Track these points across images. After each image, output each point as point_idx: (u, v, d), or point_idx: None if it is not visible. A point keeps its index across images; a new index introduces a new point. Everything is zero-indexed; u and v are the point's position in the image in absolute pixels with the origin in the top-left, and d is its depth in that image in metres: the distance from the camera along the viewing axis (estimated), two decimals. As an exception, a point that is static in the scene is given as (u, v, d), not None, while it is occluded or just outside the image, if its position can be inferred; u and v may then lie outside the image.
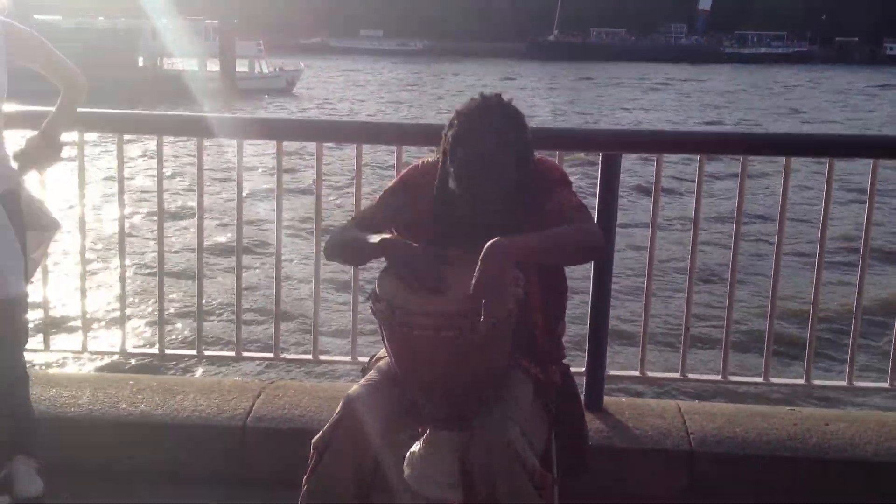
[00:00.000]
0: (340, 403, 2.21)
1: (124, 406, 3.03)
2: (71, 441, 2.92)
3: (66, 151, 2.76)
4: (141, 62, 41.49)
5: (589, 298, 3.00)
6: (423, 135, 3.00)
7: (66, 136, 2.77)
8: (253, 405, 3.03)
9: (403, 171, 2.47)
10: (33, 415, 2.84)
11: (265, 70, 46.15)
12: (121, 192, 3.27)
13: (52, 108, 2.75)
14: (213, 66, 43.42)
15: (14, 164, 2.66)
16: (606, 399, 3.11)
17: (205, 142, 3.12)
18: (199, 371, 6.53)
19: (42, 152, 2.69)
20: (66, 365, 5.44)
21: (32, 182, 2.84)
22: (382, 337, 2.19)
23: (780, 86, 55.07)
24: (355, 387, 2.28)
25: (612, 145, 2.90)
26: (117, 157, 3.20)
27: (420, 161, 2.44)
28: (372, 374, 2.32)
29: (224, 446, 2.95)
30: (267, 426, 2.94)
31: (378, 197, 2.44)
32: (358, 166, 3.06)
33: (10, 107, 2.70)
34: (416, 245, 2.19)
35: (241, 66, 45.06)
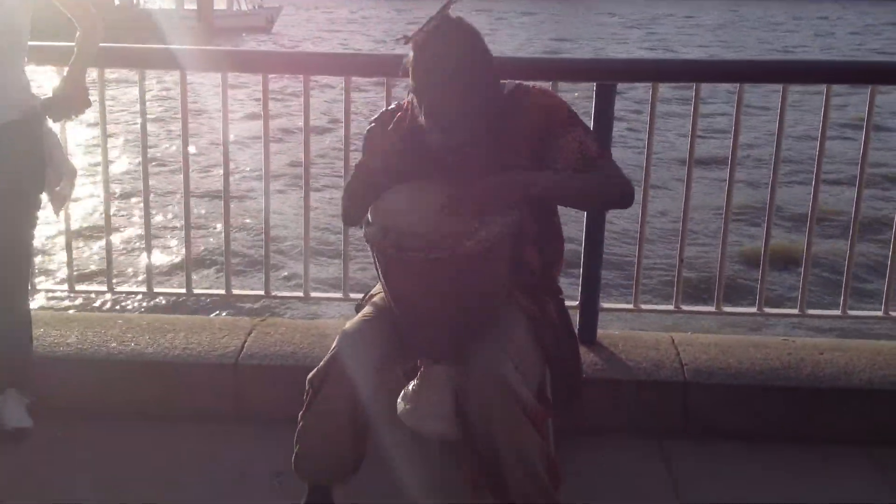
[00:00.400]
0: (336, 338, 2.18)
1: (114, 344, 2.99)
2: (60, 379, 2.89)
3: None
4: (117, 1, 40.63)
5: (583, 231, 2.98)
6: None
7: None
8: (245, 342, 3.00)
9: (374, 118, 2.37)
10: (30, 353, 2.83)
11: (244, 7, 45.31)
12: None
13: (73, 45, 2.70)
14: (191, 5, 42.56)
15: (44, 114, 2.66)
16: (600, 332, 3.10)
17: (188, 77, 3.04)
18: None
19: (71, 100, 2.66)
20: (53, 304, 5.37)
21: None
22: (376, 266, 2.16)
23: (764, 22, 54.65)
24: (350, 322, 2.25)
25: (606, 74, 2.83)
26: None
27: (388, 108, 2.37)
28: (366, 309, 2.30)
29: (216, 383, 2.92)
30: (259, 363, 2.91)
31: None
32: (347, 100, 2.99)
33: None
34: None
35: (220, 4, 44.18)
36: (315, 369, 2.17)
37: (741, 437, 2.84)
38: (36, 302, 3.39)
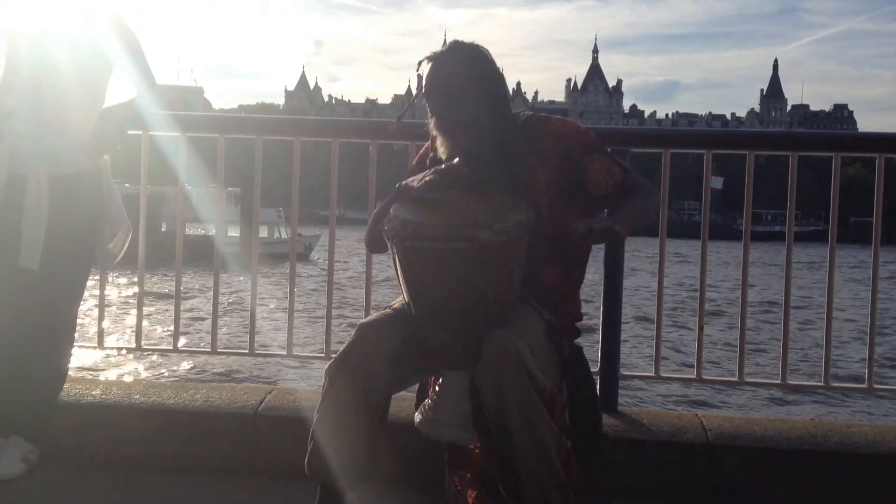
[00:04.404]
0: (353, 330, 2.22)
1: (136, 397, 3.01)
2: (79, 427, 2.90)
3: (124, 138, 2.89)
4: (164, 227, 42.85)
5: (601, 301, 3.03)
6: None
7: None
8: (264, 399, 3.01)
9: (421, 151, 2.56)
10: (54, 407, 2.83)
11: (284, 236, 47.34)
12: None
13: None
14: (234, 232, 44.63)
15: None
16: (621, 407, 3.07)
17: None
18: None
19: (102, 137, 2.80)
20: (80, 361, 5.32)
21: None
22: (394, 263, 2.22)
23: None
24: (369, 316, 2.30)
25: (621, 141, 3.02)
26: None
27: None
28: (386, 309, 2.34)
29: (234, 435, 2.90)
30: (277, 414, 2.91)
31: None
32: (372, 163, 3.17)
33: None
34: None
35: (262, 232, 46.19)
36: (332, 360, 2.20)
37: (767, 501, 2.73)
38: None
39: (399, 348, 2.20)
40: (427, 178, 2.23)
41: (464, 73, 2.25)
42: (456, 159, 2.26)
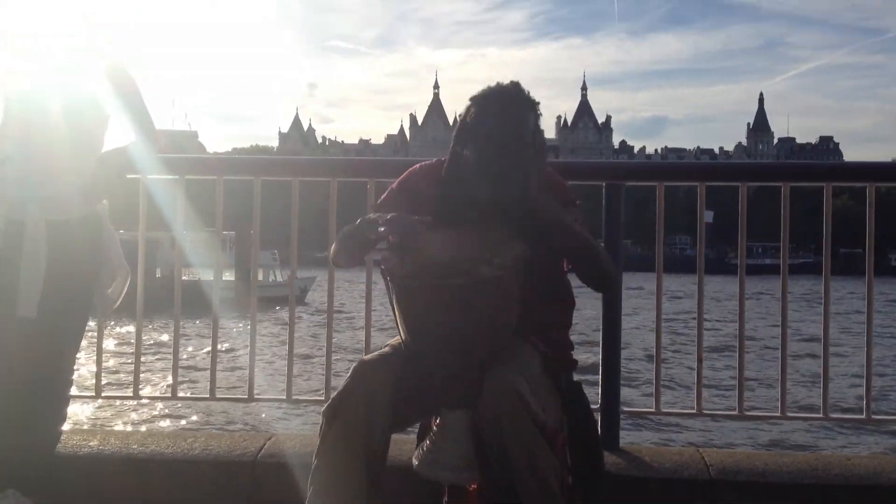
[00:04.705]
0: (350, 370, 2.21)
1: (135, 447, 2.99)
2: (78, 480, 2.87)
3: (123, 183, 2.89)
4: (158, 273, 42.76)
5: (600, 337, 3.04)
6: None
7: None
8: (263, 445, 2.99)
9: (401, 177, 2.53)
10: (52, 457, 2.81)
11: (279, 279, 47.25)
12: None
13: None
14: (229, 276, 44.53)
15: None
16: (622, 444, 3.06)
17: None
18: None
19: (100, 182, 2.80)
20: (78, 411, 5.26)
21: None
22: (391, 302, 2.22)
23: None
24: (366, 356, 2.30)
25: (614, 175, 3.05)
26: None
27: (418, 165, 2.54)
28: (383, 348, 2.34)
29: (235, 484, 2.88)
30: (278, 461, 2.89)
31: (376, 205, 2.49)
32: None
33: None
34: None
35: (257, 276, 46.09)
36: (328, 402, 2.19)
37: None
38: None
39: (397, 388, 2.19)
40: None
41: (517, 120, 2.28)
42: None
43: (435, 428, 2.29)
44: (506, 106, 2.29)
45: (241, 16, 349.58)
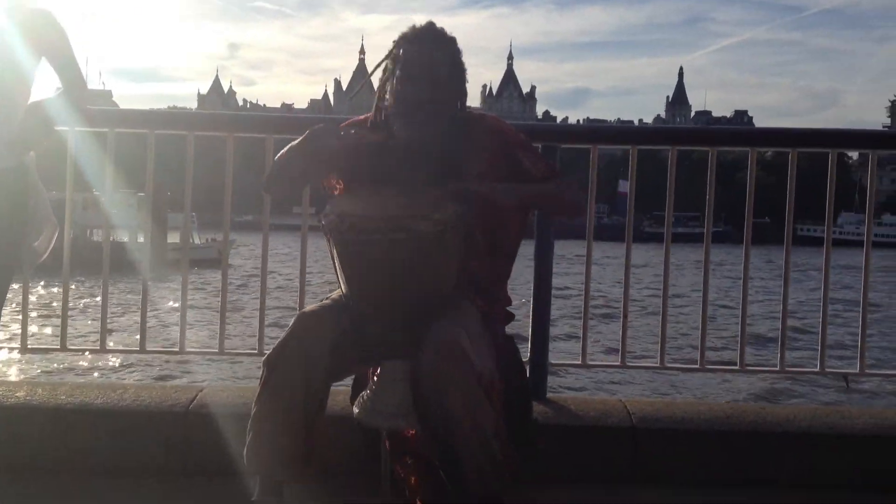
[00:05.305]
0: (292, 320, 2.24)
1: (63, 398, 2.95)
2: (5, 432, 2.81)
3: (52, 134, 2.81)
4: (70, 234, 41.46)
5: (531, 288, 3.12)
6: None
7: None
8: (195, 396, 2.99)
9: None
10: None
11: (197, 241, 46.37)
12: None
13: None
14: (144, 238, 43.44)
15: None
16: (549, 395, 3.16)
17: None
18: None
19: (26, 133, 2.69)
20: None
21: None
22: (332, 258, 2.25)
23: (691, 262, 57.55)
24: (308, 306, 2.33)
25: (550, 137, 3.12)
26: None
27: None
28: (324, 300, 2.37)
29: (167, 435, 2.88)
30: (210, 411, 2.89)
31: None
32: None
33: None
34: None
35: (173, 238, 45.19)
36: (270, 350, 2.22)
37: (690, 483, 2.86)
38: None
39: (338, 338, 2.23)
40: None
41: (447, 61, 2.38)
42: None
43: (374, 378, 2.34)
44: (420, 44, 2.38)
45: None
